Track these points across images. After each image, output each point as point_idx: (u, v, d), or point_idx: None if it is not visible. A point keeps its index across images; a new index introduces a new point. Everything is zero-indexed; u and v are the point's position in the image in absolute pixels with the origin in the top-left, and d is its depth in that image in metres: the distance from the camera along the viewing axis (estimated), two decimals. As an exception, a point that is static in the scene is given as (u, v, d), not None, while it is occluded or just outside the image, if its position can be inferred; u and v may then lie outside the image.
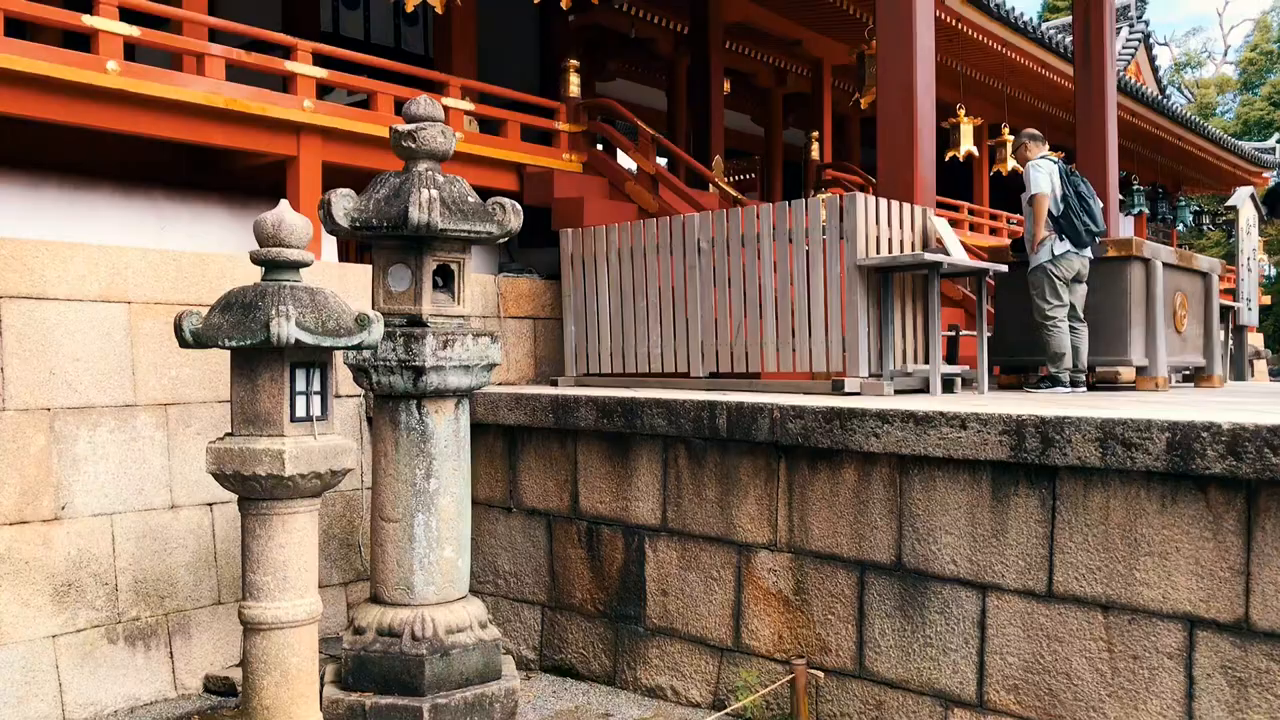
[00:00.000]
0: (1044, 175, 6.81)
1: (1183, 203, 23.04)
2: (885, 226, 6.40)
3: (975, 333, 6.82)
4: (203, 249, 6.72)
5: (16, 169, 6.32)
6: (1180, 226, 23.86)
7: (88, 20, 5.89)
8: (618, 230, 7.38)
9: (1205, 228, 25.63)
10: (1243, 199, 12.76)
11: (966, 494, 4.33)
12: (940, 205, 12.61)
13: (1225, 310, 10.53)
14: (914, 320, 6.56)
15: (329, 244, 6.95)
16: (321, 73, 6.97)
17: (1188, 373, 8.50)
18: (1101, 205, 6.98)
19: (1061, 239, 6.77)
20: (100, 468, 5.33)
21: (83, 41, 5.97)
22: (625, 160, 9.67)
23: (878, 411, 4.54)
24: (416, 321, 4.83)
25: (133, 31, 6.03)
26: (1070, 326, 6.87)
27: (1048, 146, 7.20)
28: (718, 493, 5.20)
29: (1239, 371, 12.11)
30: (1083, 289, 6.97)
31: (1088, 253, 6.88)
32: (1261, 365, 17.90)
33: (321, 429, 3.96)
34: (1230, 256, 18.02)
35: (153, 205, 6.91)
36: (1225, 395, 6.68)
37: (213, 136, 6.47)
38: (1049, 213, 6.77)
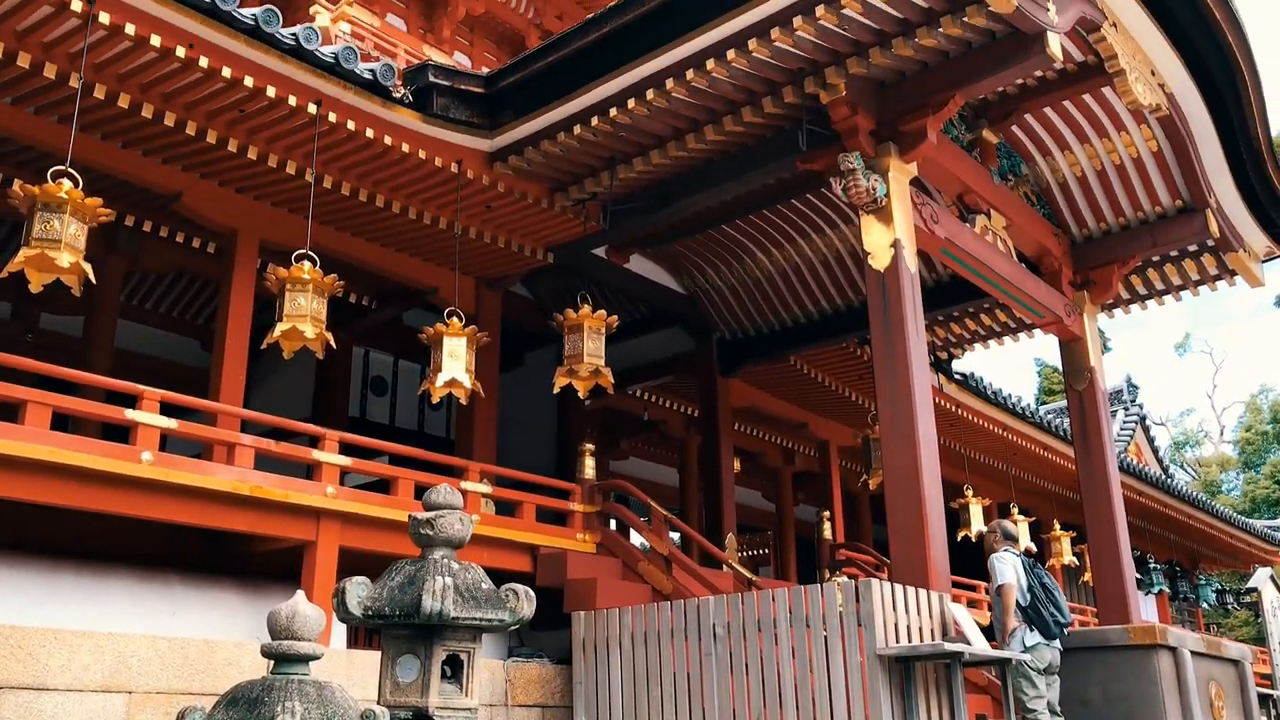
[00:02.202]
0: (1008, 567, 7.05)
1: (1203, 581, 22.77)
2: (903, 613, 6.32)
3: (1004, 724, 6.56)
4: (213, 634, 6.62)
5: (35, 554, 6.39)
6: (1204, 605, 23.40)
7: (130, 414, 6.20)
8: (631, 613, 7.28)
9: (1230, 606, 25.12)
10: (1263, 580, 12.61)
11: None
12: (956, 585, 12.48)
13: (1265, 699, 10.07)
14: (940, 712, 6.30)
15: (339, 628, 6.86)
16: (346, 461, 7.21)
17: (1236, 769, 8.01)
18: (1065, 597, 7.23)
19: (1032, 630, 6.90)
20: None
21: (120, 432, 6.25)
22: (638, 538, 9.73)
23: (909, 819, 4.25)
24: (422, 715, 4.65)
25: (170, 424, 6.34)
26: None
27: (1019, 541, 7.49)
28: None
29: (1291, 765, 11.36)
30: (1057, 683, 6.95)
31: (1058, 644, 6.96)
32: (1314, 755, 16.78)
33: (314, 840, 3.71)
34: (1260, 639, 17.51)
35: (166, 589, 6.90)
36: (1280, 797, 6.25)
37: (235, 522, 6.59)
38: (1017, 603, 6.93)
